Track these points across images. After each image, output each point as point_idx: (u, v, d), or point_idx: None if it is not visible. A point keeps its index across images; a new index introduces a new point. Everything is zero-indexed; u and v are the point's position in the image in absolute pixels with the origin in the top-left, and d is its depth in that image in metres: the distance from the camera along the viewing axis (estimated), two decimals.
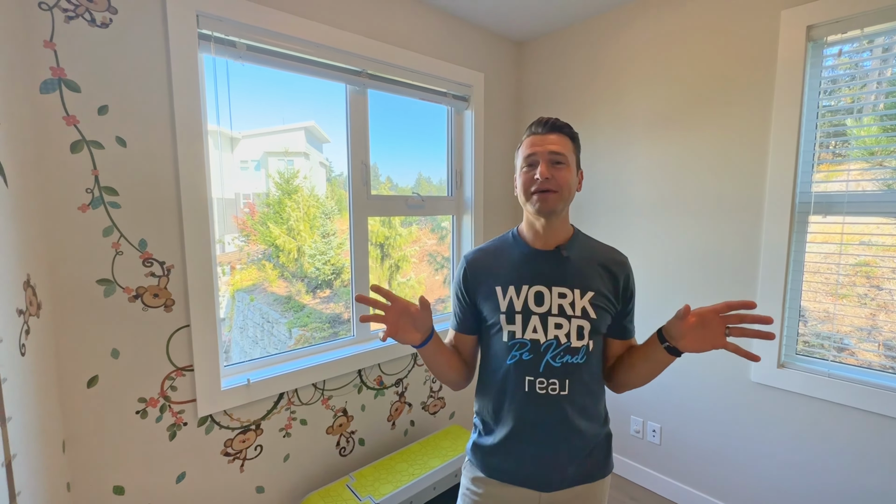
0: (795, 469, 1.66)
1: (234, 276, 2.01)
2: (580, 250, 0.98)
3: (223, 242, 1.85)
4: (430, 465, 1.79)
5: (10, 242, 0.98)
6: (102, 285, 1.28)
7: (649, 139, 1.99)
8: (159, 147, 1.35)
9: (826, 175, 1.63)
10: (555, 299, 0.93)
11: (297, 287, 2.09)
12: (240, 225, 1.99)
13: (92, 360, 1.28)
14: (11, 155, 1.01)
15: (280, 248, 2.04)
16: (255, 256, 2.06)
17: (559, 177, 0.92)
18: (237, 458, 1.59)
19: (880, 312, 1.53)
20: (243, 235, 1.97)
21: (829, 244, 1.60)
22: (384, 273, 2.44)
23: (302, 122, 1.97)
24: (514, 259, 0.99)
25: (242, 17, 1.47)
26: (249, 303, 2.01)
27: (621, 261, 1.00)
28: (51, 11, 1.16)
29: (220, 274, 1.84)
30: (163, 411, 1.42)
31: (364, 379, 1.95)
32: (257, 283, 2.08)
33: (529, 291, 0.94)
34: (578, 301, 0.93)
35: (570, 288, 0.94)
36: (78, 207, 1.23)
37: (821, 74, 1.58)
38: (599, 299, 0.94)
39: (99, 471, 1.32)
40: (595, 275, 0.96)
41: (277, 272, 2.08)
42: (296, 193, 2.05)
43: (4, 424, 0.91)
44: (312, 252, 2.08)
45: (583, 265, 0.96)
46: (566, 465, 0.94)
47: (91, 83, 1.23)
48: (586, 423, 0.95)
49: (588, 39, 2.18)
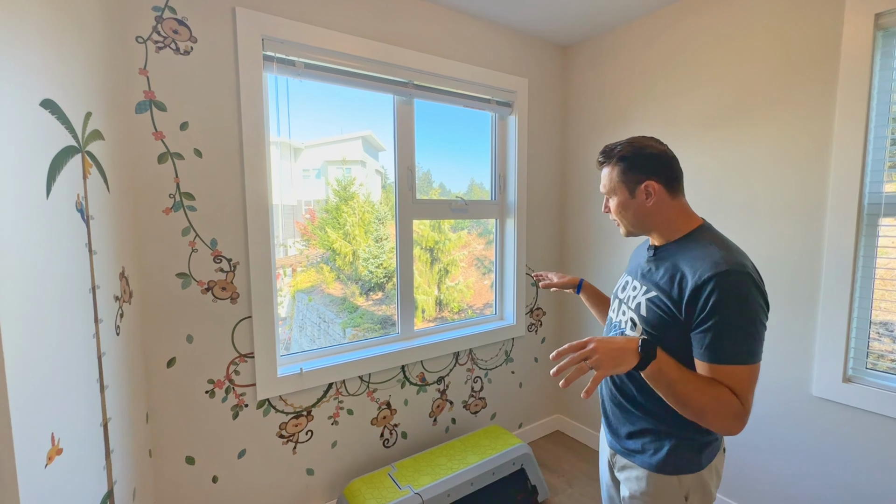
0: (848, 489, 1.53)
1: (295, 278, 2.18)
2: (676, 251, 0.96)
3: (285, 246, 2.03)
4: (468, 461, 1.84)
5: (111, 238, 1.17)
6: (180, 278, 1.47)
7: (699, 140, 1.92)
8: (229, 157, 1.53)
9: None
10: (630, 290, 1.05)
11: (351, 289, 2.22)
12: (301, 230, 2.16)
13: (171, 344, 1.47)
14: (112, 165, 1.20)
15: (337, 252, 2.19)
16: (314, 259, 2.23)
17: (613, 208, 1.04)
18: (290, 440, 1.74)
19: None
20: (304, 240, 2.14)
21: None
22: (433, 277, 2.53)
23: (359, 132, 2.11)
24: (641, 250, 1.13)
25: (300, 38, 1.63)
26: (308, 303, 2.18)
27: (700, 269, 0.86)
28: (145, 44, 1.36)
29: (282, 275, 2.02)
30: (227, 393, 1.59)
31: (407, 375, 2.04)
32: (316, 284, 2.24)
33: (623, 279, 1.11)
34: (641, 296, 0.99)
35: (642, 283, 1.01)
36: (162, 210, 1.42)
37: (893, 65, 1.47)
38: (658, 302, 0.94)
39: (174, 442, 1.50)
40: (667, 276, 0.94)
41: (334, 275, 2.24)
42: (352, 200, 2.20)
43: (103, 392, 1.08)
44: (366, 256, 2.21)
45: (664, 265, 0.96)
46: (617, 434, 1.05)
47: (175, 103, 1.42)
48: (634, 407, 1.00)
49: (633, 41, 2.14)
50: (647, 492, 0.97)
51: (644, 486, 0.97)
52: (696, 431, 0.94)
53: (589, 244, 2.45)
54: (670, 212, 0.98)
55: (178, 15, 1.41)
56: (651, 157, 0.97)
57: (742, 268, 0.85)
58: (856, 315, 1.55)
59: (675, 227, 0.98)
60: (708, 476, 0.96)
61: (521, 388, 2.51)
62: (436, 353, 2.10)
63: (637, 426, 1.00)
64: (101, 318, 1.08)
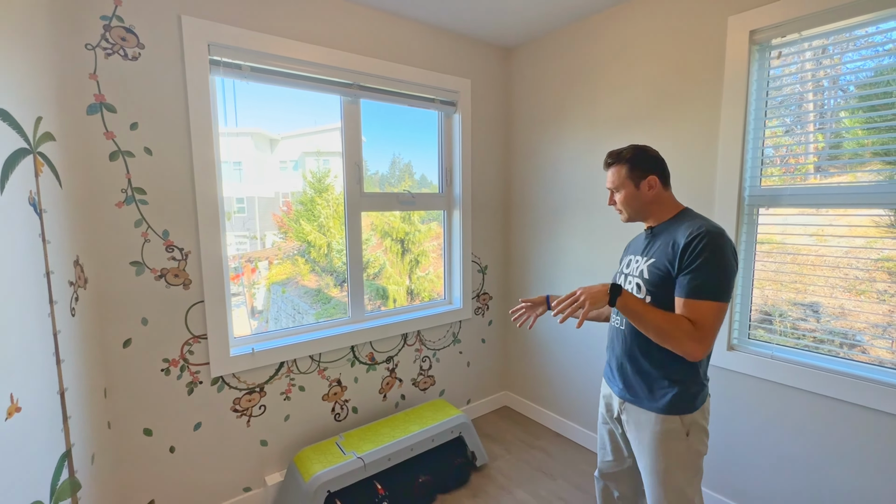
0: (727, 442, 1.78)
1: (271, 270, 2.27)
2: (669, 227, 1.24)
3: (258, 238, 2.13)
4: (409, 430, 2.04)
5: (64, 229, 1.30)
6: (134, 266, 1.61)
7: (617, 139, 2.13)
8: (178, 154, 1.66)
9: (779, 170, 1.73)
10: (634, 264, 1.30)
11: (325, 280, 2.33)
12: (278, 222, 2.24)
13: (127, 326, 1.61)
14: (64, 164, 1.33)
15: (312, 244, 2.29)
16: (290, 252, 2.31)
17: (619, 201, 1.30)
18: (244, 414, 1.90)
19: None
20: (281, 232, 2.23)
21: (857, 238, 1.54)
22: (405, 267, 2.68)
23: (337, 123, 2.15)
24: (639, 237, 1.38)
25: (246, 44, 1.76)
26: (282, 294, 2.29)
27: (688, 231, 1.14)
28: (94, 50, 1.48)
29: (257, 269, 2.13)
30: (182, 371, 1.73)
31: (357, 355, 2.21)
32: (291, 276, 2.34)
33: (626, 259, 1.37)
34: (643, 264, 1.25)
35: (644, 256, 1.27)
36: (115, 204, 1.55)
37: (768, 76, 1.69)
38: (657, 264, 1.20)
39: (132, 415, 1.65)
40: (663, 245, 1.21)
41: (309, 266, 2.34)
42: (326, 192, 2.29)
43: (59, 365, 1.22)
44: (340, 248, 2.32)
45: (660, 238, 1.24)
46: (620, 381, 1.30)
47: (125, 105, 1.54)
48: (642, 354, 1.23)
49: (566, 45, 2.34)
50: (656, 430, 1.20)
51: (653, 425, 1.21)
52: (692, 381, 1.19)
53: (532, 232, 2.66)
54: (664, 200, 1.28)
55: (126, 23, 1.52)
56: (651, 158, 1.27)
57: (720, 230, 1.14)
58: (739, 292, 1.79)
59: (667, 211, 1.28)
60: (700, 416, 1.21)
61: (469, 366, 2.71)
62: (384, 335, 2.28)
63: (646, 378, 1.23)
64: (56, 300, 1.21)
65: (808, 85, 1.64)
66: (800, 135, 1.70)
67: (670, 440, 1.19)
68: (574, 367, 2.45)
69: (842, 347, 1.61)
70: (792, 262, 1.70)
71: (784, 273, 1.71)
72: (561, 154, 2.42)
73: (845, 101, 1.62)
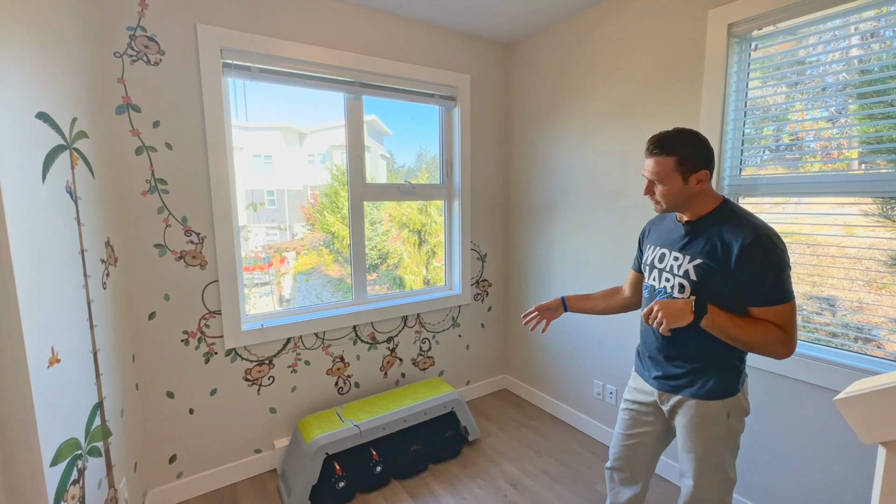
0: None
1: (298, 261, 2.42)
2: (711, 224, 1.17)
3: (287, 230, 2.28)
4: (403, 403, 2.20)
5: (96, 214, 1.51)
6: (157, 248, 1.82)
7: (606, 132, 2.20)
8: (195, 149, 1.86)
9: (761, 160, 1.78)
10: (670, 260, 1.24)
11: (347, 270, 2.47)
12: (305, 214, 2.39)
13: (152, 300, 1.83)
14: (97, 157, 1.54)
15: (335, 235, 2.45)
16: (315, 243, 2.46)
17: (659, 193, 1.20)
18: (255, 383, 2.11)
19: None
20: (308, 224, 2.39)
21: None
22: (422, 258, 2.81)
23: (364, 117, 2.30)
24: (667, 225, 1.32)
25: (255, 48, 1.93)
26: (305, 283, 2.45)
27: (742, 236, 1.09)
28: (121, 57, 1.68)
29: (286, 259, 2.29)
30: (199, 342, 1.95)
31: (358, 334, 2.39)
32: (316, 266, 2.50)
33: (656, 251, 1.30)
34: (686, 264, 1.19)
35: (683, 254, 1.21)
36: (140, 193, 1.77)
37: (748, 67, 1.73)
38: (705, 266, 1.15)
39: (157, 379, 1.87)
40: (709, 245, 1.15)
41: (333, 257, 2.50)
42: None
43: (93, 329, 1.44)
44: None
45: (703, 237, 1.18)
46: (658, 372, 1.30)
47: (148, 105, 1.75)
48: (680, 346, 1.23)
49: (561, 40, 2.41)
50: (696, 414, 1.21)
51: (694, 411, 1.21)
52: (732, 366, 1.20)
53: (529, 221, 2.76)
54: (707, 192, 1.19)
55: (149, 32, 1.72)
56: (703, 149, 1.16)
57: (770, 230, 1.11)
58: None
59: (707, 203, 1.20)
60: (742, 397, 1.22)
61: (468, 349, 2.85)
62: (385, 317, 2.45)
63: (684, 367, 1.23)
64: (90, 274, 1.43)
65: (783, 76, 1.67)
66: (777, 125, 1.74)
67: (713, 424, 1.20)
68: (569, 353, 2.55)
69: (856, 342, 1.54)
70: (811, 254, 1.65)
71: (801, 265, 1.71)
72: (555, 145, 2.51)
73: (821, 92, 1.65)
